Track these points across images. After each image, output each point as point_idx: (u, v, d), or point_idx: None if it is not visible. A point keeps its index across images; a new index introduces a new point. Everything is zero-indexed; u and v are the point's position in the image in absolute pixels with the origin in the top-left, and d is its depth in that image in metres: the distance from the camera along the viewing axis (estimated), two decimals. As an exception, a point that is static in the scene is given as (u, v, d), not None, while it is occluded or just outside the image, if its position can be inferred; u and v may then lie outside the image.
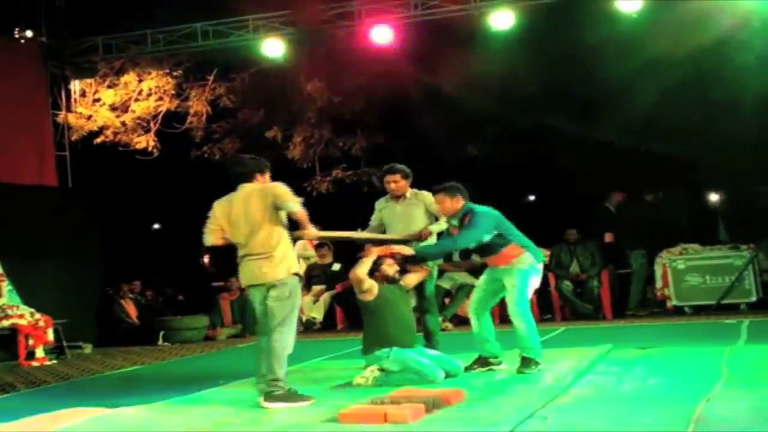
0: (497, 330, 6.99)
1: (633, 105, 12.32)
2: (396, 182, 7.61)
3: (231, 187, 6.13)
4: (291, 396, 5.79)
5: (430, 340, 7.42)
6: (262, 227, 5.91)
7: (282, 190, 6.03)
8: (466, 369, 6.82)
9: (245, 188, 6.09)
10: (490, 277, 6.98)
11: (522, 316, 6.73)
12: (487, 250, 6.88)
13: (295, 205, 5.99)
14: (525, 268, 6.76)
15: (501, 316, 11.63)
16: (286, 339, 5.88)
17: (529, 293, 6.82)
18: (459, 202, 6.88)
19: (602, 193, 12.55)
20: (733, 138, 11.86)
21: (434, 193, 7.09)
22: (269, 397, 5.75)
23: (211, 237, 6.10)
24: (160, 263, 15.86)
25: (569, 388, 5.69)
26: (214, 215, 6.11)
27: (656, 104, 12.29)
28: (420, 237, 7.31)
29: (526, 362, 6.61)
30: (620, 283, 12.04)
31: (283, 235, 6.01)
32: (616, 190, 12.36)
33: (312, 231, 6.31)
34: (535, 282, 6.88)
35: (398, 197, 7.63)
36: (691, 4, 11.12)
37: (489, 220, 6.76)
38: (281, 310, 5.89)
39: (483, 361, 6.94)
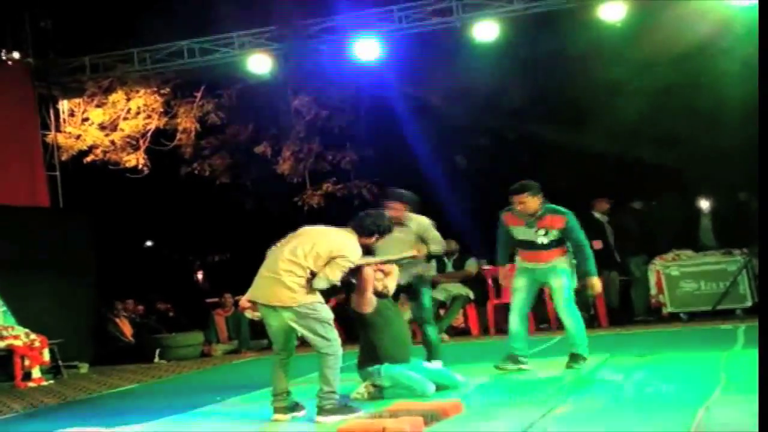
0: (478, 340, 7.07)
1: (619, 113, 12.39)
2: (397, 210, 7.62)
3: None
4: (344, 408, 5.81)
5: (431, 351, 7.46)
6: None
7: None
8: (497, 367, 7.15)
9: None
10: (530, 279, 7.23)
11: (572, 314, 7.19)
12: (544, 245, 7.21)
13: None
14: (568, 269, 7.19)
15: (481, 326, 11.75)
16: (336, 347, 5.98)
17: None
18: (539, 201, 7.37)
19: (591, 203, 12.54)
20: (718, 145, 11.93)
21: (516, 192, 7.49)
22: (323, 411, 5.75)
23: None
24: (154, 280, 15.84)
25: (568, 397, 5.71)
26: None
27: (642, 112, 12.37)
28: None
29: (575, 358, 6.98)
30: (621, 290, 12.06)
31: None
32: (598, 198, 12.33)
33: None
34: None
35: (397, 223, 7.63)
36: (674, 12, 11.20)
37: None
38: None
39: (514, 359, 7.18)
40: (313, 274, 5.86)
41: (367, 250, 9.42)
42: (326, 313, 5.98)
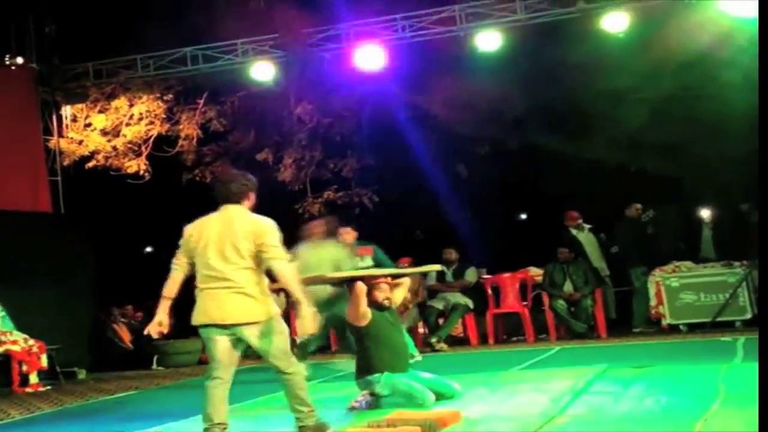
0: (477, 350, 7.01)
1: (621, 123, 12.40)
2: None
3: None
4: (322, 426, 5.37)
5: None
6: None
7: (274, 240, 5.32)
8: None
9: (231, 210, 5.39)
10: None
11: None
12: None
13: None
14: None
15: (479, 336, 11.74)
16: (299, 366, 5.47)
17: None
18: None
19: (590, 212, 12.53)
20: (719, 155, 11.93)
21: None
22: (306, 429, 5.32)
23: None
24: (153, 286, 15.79)
25: (566, 408, 5.70)
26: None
27: (644, 122, 12.38)
28: None
29: None
30: (619, 300, 12.04)
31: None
32: (569, 211, 12.33)
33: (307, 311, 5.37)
34: None
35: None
36: (677, 23, 11.20)
37: None
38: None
39: None
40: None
41: (377, 263, 9.61)
42: (285, 325, 5.43)
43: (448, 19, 12.14)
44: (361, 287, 6.44)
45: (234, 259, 5.17)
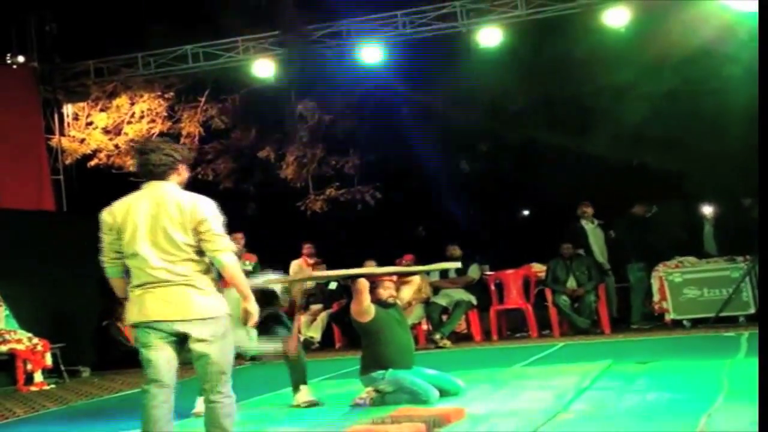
0: (480, 346, 6.98)
1: (623, 118, 12.39)
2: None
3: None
4: None
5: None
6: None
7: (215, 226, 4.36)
8: None
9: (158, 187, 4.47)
10: None
11: None
12: None
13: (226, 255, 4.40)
14: None
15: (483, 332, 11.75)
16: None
17: None
18: None
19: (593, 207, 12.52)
20: (722, 149, 11.92)
21: None
22: None
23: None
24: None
25: (570, 404, 5.70)
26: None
27: (645, 117, 12.37)
28: None
29: None
30: (620, 297, 12.04)
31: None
32: (586, 201, 12.30)
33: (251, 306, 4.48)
34: None
35: None
36: (678, 18, 11.20)
37: None
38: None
39: None
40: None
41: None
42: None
43: (449, 15, 12.15)
44: (363, 283, 6.45)
45: (171, 251, 4.29)
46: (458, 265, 9.34)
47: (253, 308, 4.46)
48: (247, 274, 10.92)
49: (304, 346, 12.48)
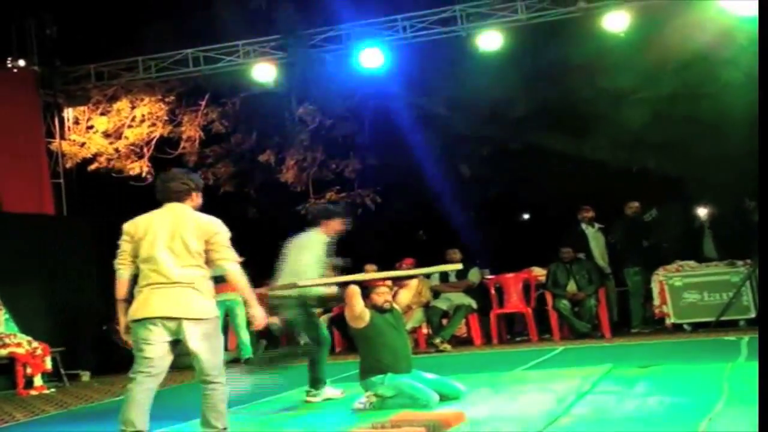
0: (480, 350, 6.96)
1: (622, 122, 12.39)
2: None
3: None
4: None
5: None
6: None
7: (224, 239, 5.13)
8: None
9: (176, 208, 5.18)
10: None
11: None
12: None
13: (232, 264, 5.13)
14: None
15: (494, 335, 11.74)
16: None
17: None
18: None
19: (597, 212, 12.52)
20: (722, 153, 11.93)
21: None
22: None
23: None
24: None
25: (571, 408, 5.69)
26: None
27: (645, 121, 12.38)
28: None
29: None
30: (620, 301, 12.04)
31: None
32: (586, 206, 12.31)
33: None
34: None
35: None
36: (677, 23, 11.21)
37: None
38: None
39: None
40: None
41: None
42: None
43: (450, 19, 12.16)
44: (352, 290, 6.49)
45: (183, 256, 4.96)
46: (459, 266, 9.32)
47: (258, 313, 5.21)
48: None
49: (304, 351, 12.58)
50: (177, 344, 5.01)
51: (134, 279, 5.13)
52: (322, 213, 7.65)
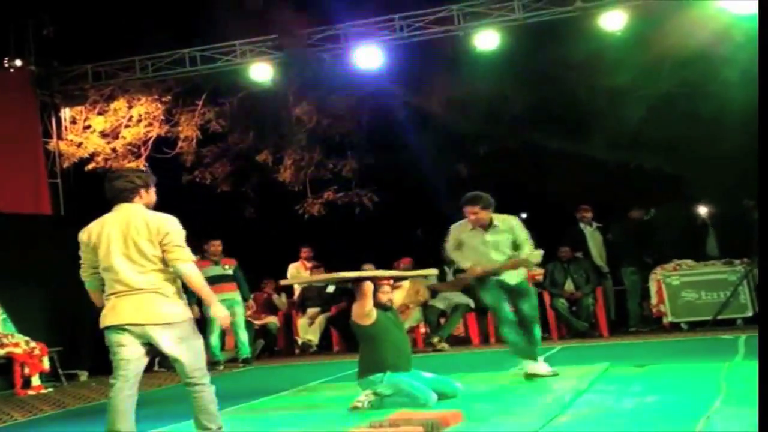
0: (478, 349, 6.96)
1: (620, 121, 12.40)
2: (476, 213, 7.44)
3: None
4: None
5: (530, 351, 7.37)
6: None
7: (178, 238, 4.95)
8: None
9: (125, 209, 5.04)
10: None
11: None
12: None
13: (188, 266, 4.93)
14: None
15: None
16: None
17: None
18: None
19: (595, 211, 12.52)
20: (719, 152, 11.93)
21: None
22: None
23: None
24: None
25: (568, 407, 5.69)
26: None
27: (643, 120, 12.38)
28: None
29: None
30: (617, 300, 12.05)
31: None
32: (584, 205, 12.32)
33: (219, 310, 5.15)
34: None
35: (484, 226, 7.50)
36: (675, 21, 11.21)
37: None
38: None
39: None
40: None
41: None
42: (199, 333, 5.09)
43: (446, 18, 12.14)
44: (369, 286, 6.48)
45: (141, 262, 4.83)
46: (435, 272, 9.23)
47: (218, 312, 5.12)
48: (228, 278, 11.29)
49: (302, 350, 12.61)
50: (152, 345, 4.89)
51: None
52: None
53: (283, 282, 11.14)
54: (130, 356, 4.87)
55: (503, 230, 7.48)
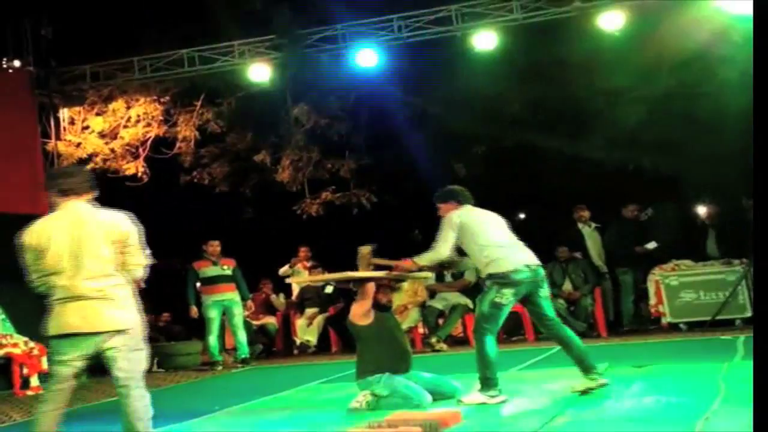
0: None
1: (618, 121, 12.41)
2: (438, 210, 7.34)
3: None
4: None
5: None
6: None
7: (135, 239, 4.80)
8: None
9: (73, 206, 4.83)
10: None
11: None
12: None
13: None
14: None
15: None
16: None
17: None
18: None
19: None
20: (718, 152, 11.94)
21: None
22: None
23: None
24: (152, 289, 15.77)
25: (568, 407, 5.70)
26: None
27: (641, 120, 12.39)
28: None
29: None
30: (616, 300, 12.05)
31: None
32: (582, 205, 12.32)
33: None
34: None
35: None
36: (673, 21, 11.22)
37: None
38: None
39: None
40: None
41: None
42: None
43: (445, 18, 12.15)
44: (372, 287, 6.49)
45: (92, 266, 4.62)
46: (430, 275, 9.18)
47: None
48: (226, 278, 11.29)
49: (300, 350, 12.61)
50: (93, 356, 4.68)
51: None
52: None
53: (289, 279, 11.28)
54: (67, 370, 4.66)
55: None
